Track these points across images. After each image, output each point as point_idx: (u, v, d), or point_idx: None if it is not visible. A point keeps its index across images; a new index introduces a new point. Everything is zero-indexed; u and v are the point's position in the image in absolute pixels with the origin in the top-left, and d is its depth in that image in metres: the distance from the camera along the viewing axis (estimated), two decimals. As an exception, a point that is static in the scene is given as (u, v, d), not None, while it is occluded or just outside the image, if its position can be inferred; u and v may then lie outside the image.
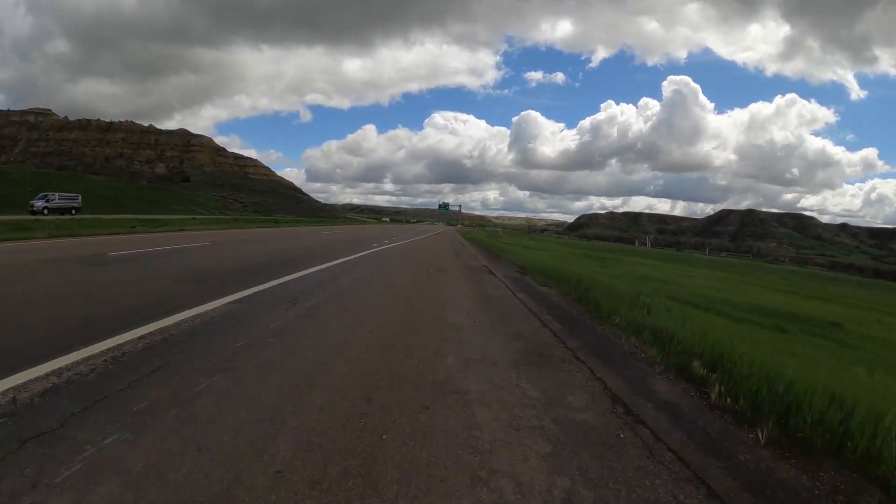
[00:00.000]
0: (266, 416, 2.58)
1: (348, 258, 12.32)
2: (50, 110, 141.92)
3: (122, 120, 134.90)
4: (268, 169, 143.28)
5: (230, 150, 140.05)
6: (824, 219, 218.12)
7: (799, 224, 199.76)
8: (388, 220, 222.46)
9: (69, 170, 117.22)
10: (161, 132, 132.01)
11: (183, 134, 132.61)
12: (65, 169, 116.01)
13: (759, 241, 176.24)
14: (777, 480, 2.29)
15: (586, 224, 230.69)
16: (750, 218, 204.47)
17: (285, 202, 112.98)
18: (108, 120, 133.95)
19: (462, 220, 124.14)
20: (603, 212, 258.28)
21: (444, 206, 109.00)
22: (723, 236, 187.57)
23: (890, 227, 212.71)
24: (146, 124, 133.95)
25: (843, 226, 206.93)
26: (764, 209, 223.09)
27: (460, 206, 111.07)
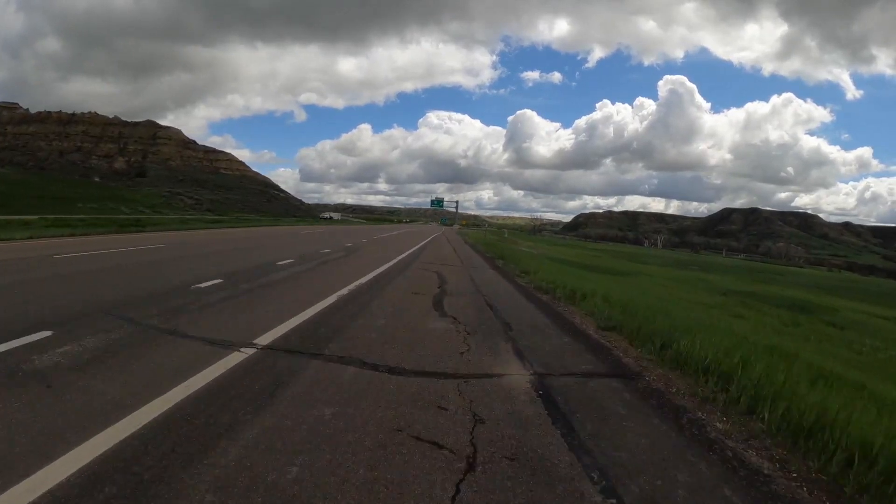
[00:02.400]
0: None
1: None
2: (17, 104, 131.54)
3: (85, 112, 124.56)
4: (242, 164, 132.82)
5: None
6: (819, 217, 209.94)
7: (804, 223, 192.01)
8: (333, 215, 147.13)
9: (19, 165, 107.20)
10: (126, 124, 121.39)
11: (149, 126, 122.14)
12: (13, 164, 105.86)
13: (769, 240, 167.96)
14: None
15: (585, 223, 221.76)
16: (754, 216, 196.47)
17: (255, 199, 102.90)
18: (70, 112, 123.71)
19: (460, 219, 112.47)
20: (600, 211, 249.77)
21: (438, 203, 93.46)
22: (730, 236, 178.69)
23: (893, 225, 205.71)
24: (111, 115, 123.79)
25: (847, 224, 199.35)
26: (758, 207, 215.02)
27: (457, 202, 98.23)
